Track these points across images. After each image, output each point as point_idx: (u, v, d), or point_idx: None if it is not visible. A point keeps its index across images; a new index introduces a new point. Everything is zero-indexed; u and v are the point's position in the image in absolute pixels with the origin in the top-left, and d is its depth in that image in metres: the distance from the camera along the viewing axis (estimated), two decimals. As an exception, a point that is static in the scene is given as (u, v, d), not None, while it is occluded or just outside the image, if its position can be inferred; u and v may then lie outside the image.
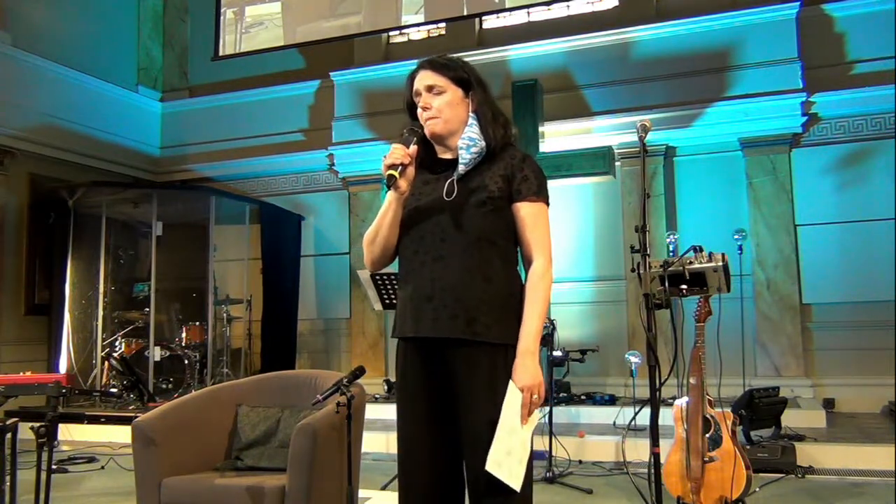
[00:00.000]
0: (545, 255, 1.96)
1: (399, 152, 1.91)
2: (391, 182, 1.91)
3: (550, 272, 1.96)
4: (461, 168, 1.97)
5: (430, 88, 2.00)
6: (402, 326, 1.99)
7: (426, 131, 2.01)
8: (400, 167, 1.91)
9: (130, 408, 6.59)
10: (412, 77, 2.05)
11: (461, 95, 2.01)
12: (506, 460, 1.82)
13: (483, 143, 1.97)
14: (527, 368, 1.87)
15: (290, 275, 8.26)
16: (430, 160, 2.05)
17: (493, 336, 1.89)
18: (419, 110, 2.02)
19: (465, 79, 2.02)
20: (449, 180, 1.98)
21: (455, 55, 2.10)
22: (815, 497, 4.07)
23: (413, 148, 1.94)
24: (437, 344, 1.92)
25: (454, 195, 1.95)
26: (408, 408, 2.00)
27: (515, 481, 1.83)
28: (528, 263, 1.99)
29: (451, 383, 1.93)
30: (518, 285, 1.98)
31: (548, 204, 2.00)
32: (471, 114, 2.01)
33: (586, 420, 5.99)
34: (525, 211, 1.96)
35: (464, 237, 1.91)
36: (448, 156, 2.04)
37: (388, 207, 1.98)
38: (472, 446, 1.88)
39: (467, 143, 1.97)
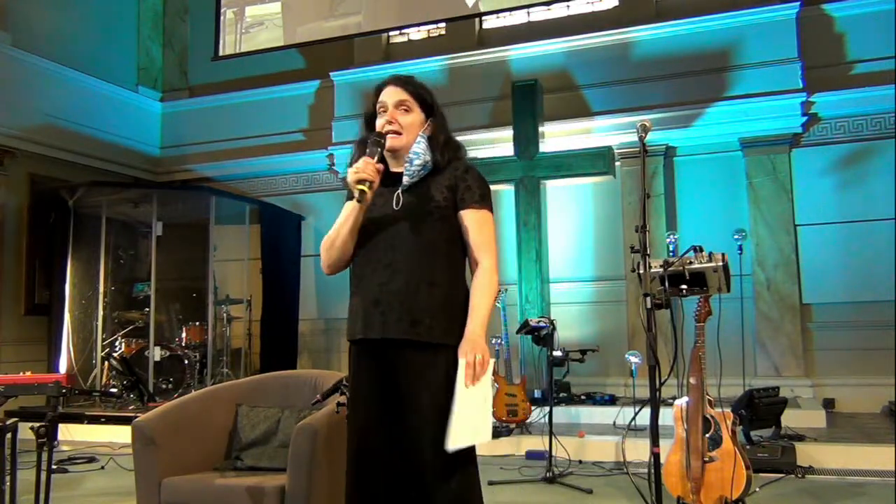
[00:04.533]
0: (491, 257, 2.08)
1: (371, 169, 2.00)
2: (362, 197, 2.00)
3: (497, 273, 2.09)
4: (405, 180, 2.09)
5: (399, 104, 2.12)
6: (353, 329, 2.10)
7: (386, 144, 2.10)
8: (369, 183, 2.00)
9: (130, 408, 6.59)
10: (379, 90, 2.16)
11: (422, 119, 2.14)
12: (467, 431, 1.92)
13: (427, 158, 2.09)
14: (470, 341, 1.97)
15: (291, 275, 8.26)
16: (383, 172, 2.11)
17: (436, 336, 2.00)
18: (380, 121, 2.12)
19: (430, 105, 2.16)
20: (396, 192, 2.09)
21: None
22: (815, 497, 4.06)
23: (380, 165, 2.04)
24: (385, 346, 2.03)
25: (401, 206, 2.06)
26: (360, 407, 2.08)
27: (484, 435, 1.97)
28: (475, 266, 2.11)
29: (397, 383, 2.02)
30: (463, 291, 2.09)
31: (491, 211, 2.13)
32: (420, 133, 2.12)
33: (586, 420, 5.99)
34: (470, 218, 2.08)
35: (412, 245, 2.03)
36: (399, 169, 2.14)
37: (348, 216, 2.08)
38: (415, 443, 1.98)
39: (412, 156, 2.09)
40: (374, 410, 2.04)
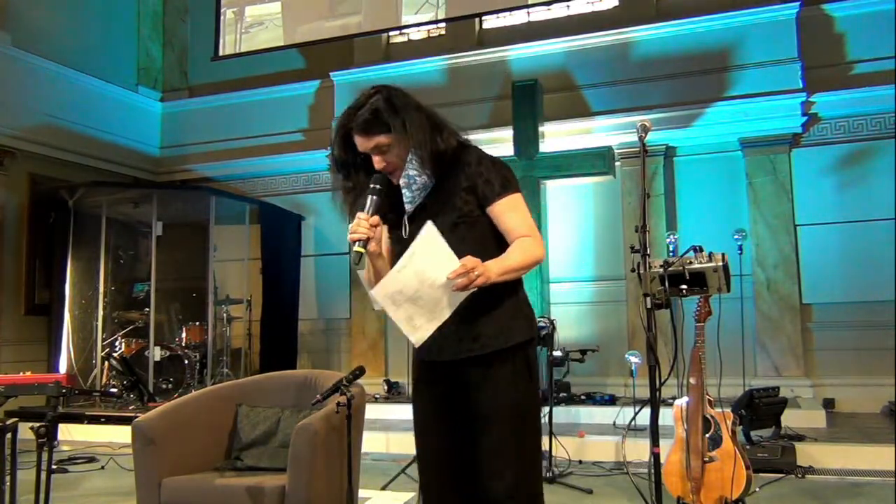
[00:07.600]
0: (532, 231, 1.97)
1: (363, 227, 1.88)
2: (358, 259, 1.90)
3: (541, 244, 1.97)
4: (408, 208, 1.99)
5: (375, 149, 1.93)
6: (420, 351, 2.02)
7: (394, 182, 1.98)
8: (362, 242, 1.90)
9: (130, 408, 6.59)
10: (347, 136, 1.97)
11: (402, 135, 1.91)
12: (400, 303, 1.81)
13: (424, 178, 1.96)
14: (480, 263, 1.80)
15: (291, 275, 8.26)
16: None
17: (500, 343, 1.94)
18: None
19: (403, 121, 1.91)
20: (405, 217, 2.00)
21: (368, 90, 1.97)
22: (815, 497, 4.06)
23: (375, 218, 1.91)
24: (453, 364, 1.98)
25: (408, 235, 1.95)
26: (429, 427, 2.06)
27: (418, 333, 1.84)
28: None
29: (467, 396, 1.98)
30: (519, 288, 2.02)
31: (517, 191, 2.00)
32: (410, 149, 1.93)
33: (586, 420, 5.99)
34: (498, 210, 1.97)
35: None
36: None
37: (368, 267, 2.03)
38: (491, 456, 1.93)
39: (406, 181, 1.96)
40: (442, 420, 2.03)
